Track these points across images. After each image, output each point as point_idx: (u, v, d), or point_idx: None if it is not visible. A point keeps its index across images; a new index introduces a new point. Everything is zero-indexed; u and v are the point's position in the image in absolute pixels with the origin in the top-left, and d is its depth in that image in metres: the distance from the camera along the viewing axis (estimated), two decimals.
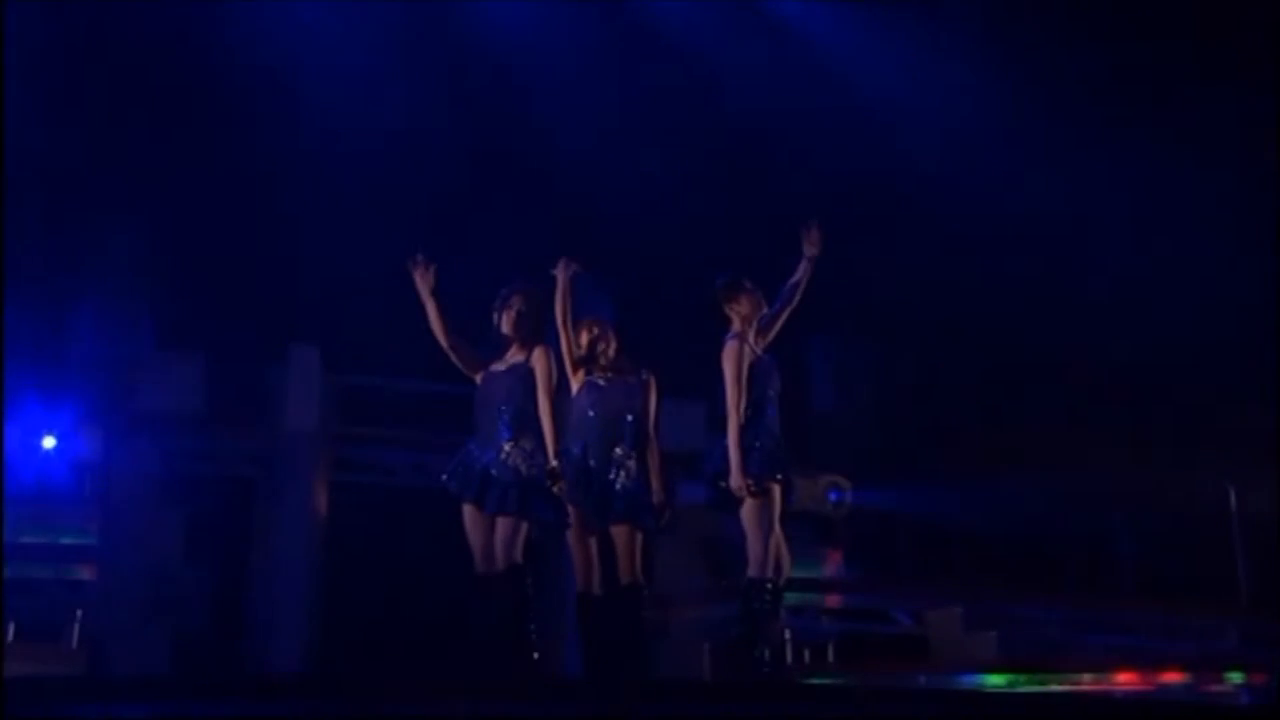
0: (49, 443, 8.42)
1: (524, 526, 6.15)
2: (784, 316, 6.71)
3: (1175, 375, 12.00)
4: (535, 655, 6.08)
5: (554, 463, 6.16)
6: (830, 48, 13.67)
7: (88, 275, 10.30)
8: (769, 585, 6.45)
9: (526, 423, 6.23)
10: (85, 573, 8.45)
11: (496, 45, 12.75)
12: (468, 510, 6.20)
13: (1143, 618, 10.80)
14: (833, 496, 10.42)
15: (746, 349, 6.60)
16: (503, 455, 6.16)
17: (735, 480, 6.42)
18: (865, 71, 13.39)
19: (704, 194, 13.11)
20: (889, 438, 13.43)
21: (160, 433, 9.72)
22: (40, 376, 9.09)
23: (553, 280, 6.49)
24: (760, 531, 6.45)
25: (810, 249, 6.71)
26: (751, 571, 6.41)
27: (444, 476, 6.24)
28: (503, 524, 6.11)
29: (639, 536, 6.42)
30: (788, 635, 10.10)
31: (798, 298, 6.73)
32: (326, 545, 9.84)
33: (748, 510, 6.46)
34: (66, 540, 8.45)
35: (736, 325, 6.66)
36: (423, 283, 6.31)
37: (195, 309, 10.33)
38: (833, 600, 10.32)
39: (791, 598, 10.00)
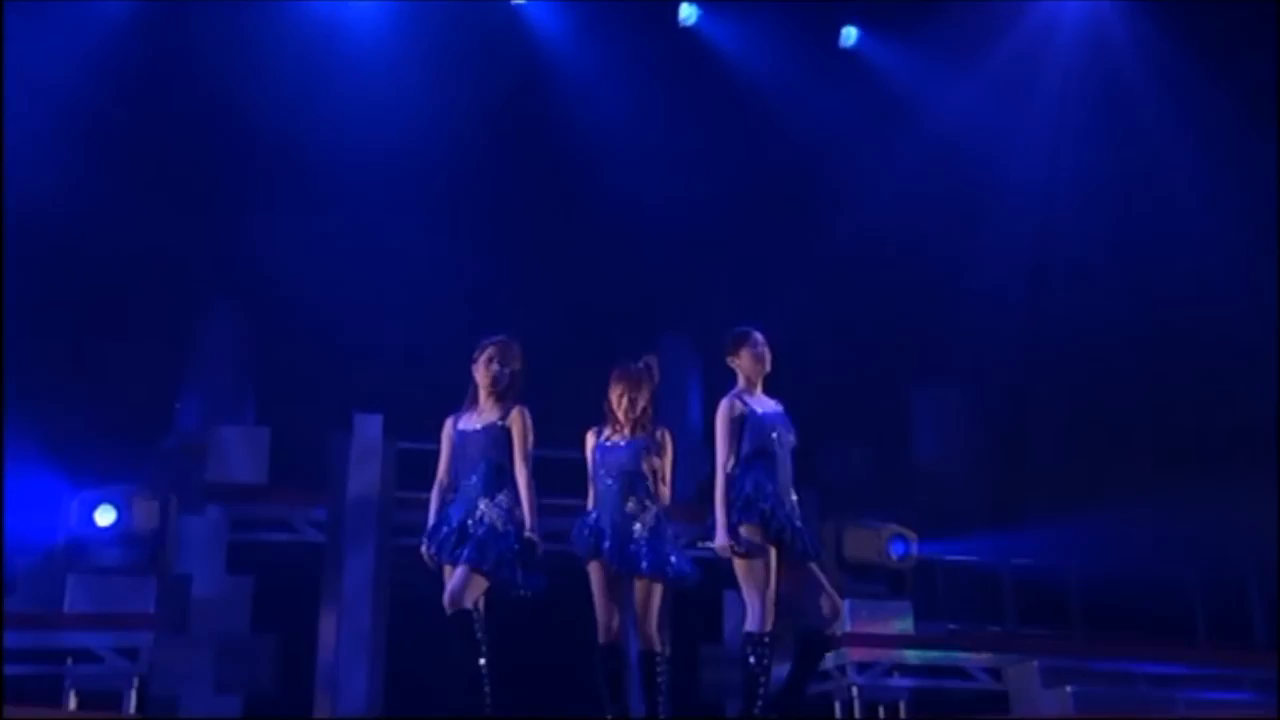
0: (105, 518, 8.72)
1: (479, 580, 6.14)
2: None
3: None
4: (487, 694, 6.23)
5: (531, 534, 6.20)
6: (905, 82, 13.58)
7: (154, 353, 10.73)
8: (765, 640, 6.35)
9: (504, 479, 6.26)
10: (143, 641, 8.68)
11: (556, 99, 13.01)
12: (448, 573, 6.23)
13: (1242, 674, 10.34)
14: (896, 549, 10.12)
15: (737, 404, 6.60)
16: (479, 512, 6.19)
17: (719, 539, 6.39)
18: (942, 106, 13.25)
19: (771, 233, 13.16)
20: (991, 487, 13.17)
21: (230, 502, 10.10)
22: (99, 452, 9.49)
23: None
24: (750, 588, 6.36)
25: None
26: (746, 626, 6.35)
27: (425, 547, 6.31)
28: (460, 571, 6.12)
29: (658, 590, 6.43)
30: (855, 692, 9.96)
31: None
32: (391, 606, 10.00)
33: (737, 567, 6.41)
34: (124, 609, 8.70)
35: (740, 382, 6.67)
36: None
37: (263, 383, 10.76)
38: (904, 655, 10.05)
39: (857, 653, 10.03)
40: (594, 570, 6.43)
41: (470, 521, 6.19)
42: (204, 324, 11.70)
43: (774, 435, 6.52)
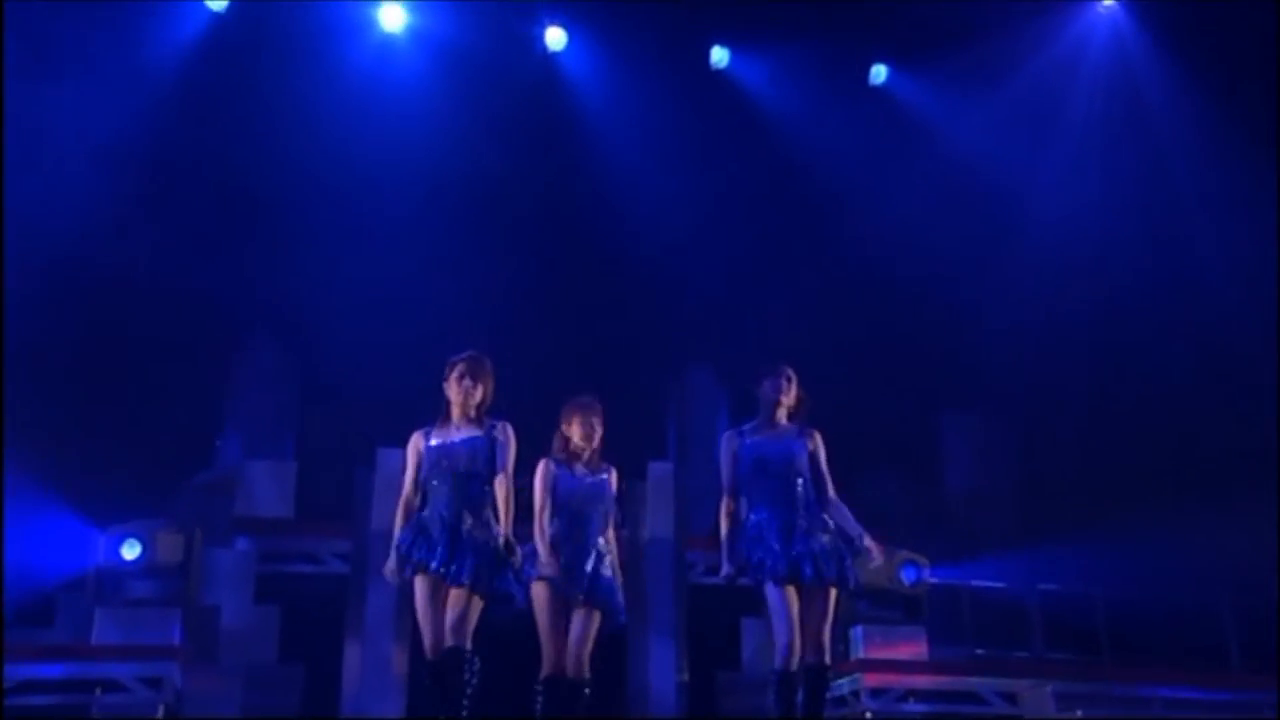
0: (131, 552, 9.07)
1: (478, 606, 6.27)
2: None
3: None
4: None
5: (509, 538, 6.29)
6: (928, 114, 13.71)
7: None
8: (776, 675, 6.54)
9: (488, 496, 6.36)
10: (169, 671, 9.01)
11: (587, 138, 13.28)
12: (424, 587, 6.29)
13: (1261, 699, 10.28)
14: (908, 575, 10.21)
15: (736, 439, 6.79)
16: (466, 528, 6.25)
17: (723, 569, 6.65)
18: (965, 136, 13.36)
19: (797, 264, 13.32)
20: (1020, 513, 13.21)
21: (258, 535, 10.44)
22: (134, 487, 9.87)
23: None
24: (773, 619, 6.58)
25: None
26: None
27: (402, 548, 6.32)
28: (457, 601, 6.20)
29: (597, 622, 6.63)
30: (868, 716, 10.06)
31: None
32: (413, 635, 10.24)
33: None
34: (150, 641, 9.05)
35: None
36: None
37: (288, 421, 11.14)
38: (918, 681, 10.13)
39: (871, 679, 10.13)
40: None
41: (455, 538, 6.22)
42: (242, 360, 12.12)
43: (766, 468, 6.73)
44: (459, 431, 6.46)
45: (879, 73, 13.64)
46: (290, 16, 12.32)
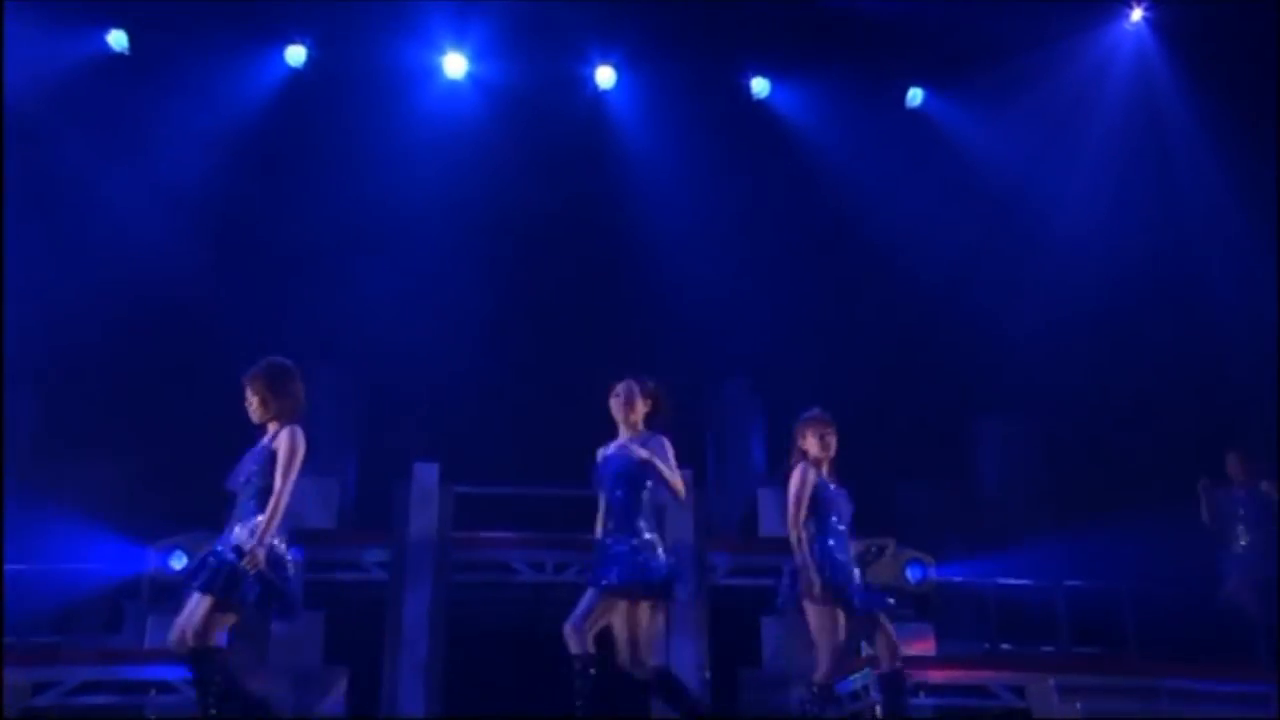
0: (178, 563, 9.87)
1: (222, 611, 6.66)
2: None
3: None
4: None
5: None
6: (963, 135, 14.12)
7: None
8: (814, 689, 7.60)
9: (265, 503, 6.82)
10: None
11: (627, 163, 13.97)
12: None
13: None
14: (913, 574, 10.62)
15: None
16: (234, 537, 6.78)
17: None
18: (993, 149, 13.73)
19: (828, 279, 13.81)
20: (1052, 513, 13.49)
21: (304, 544, 11.15)
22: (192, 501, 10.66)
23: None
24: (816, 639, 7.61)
25: None
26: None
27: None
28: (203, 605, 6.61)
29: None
30: (877, 710, 10.44)
31: None
32: (449, 641, 10.91)
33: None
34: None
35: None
36: None
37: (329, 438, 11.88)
38: (927, 675, 10.49)
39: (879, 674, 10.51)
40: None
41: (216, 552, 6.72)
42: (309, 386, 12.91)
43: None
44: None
45: (915, 95, 14.13)
46: (363, 68, 13.42)
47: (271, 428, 6.96)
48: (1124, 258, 13.20)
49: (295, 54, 13.38)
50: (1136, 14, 13.64)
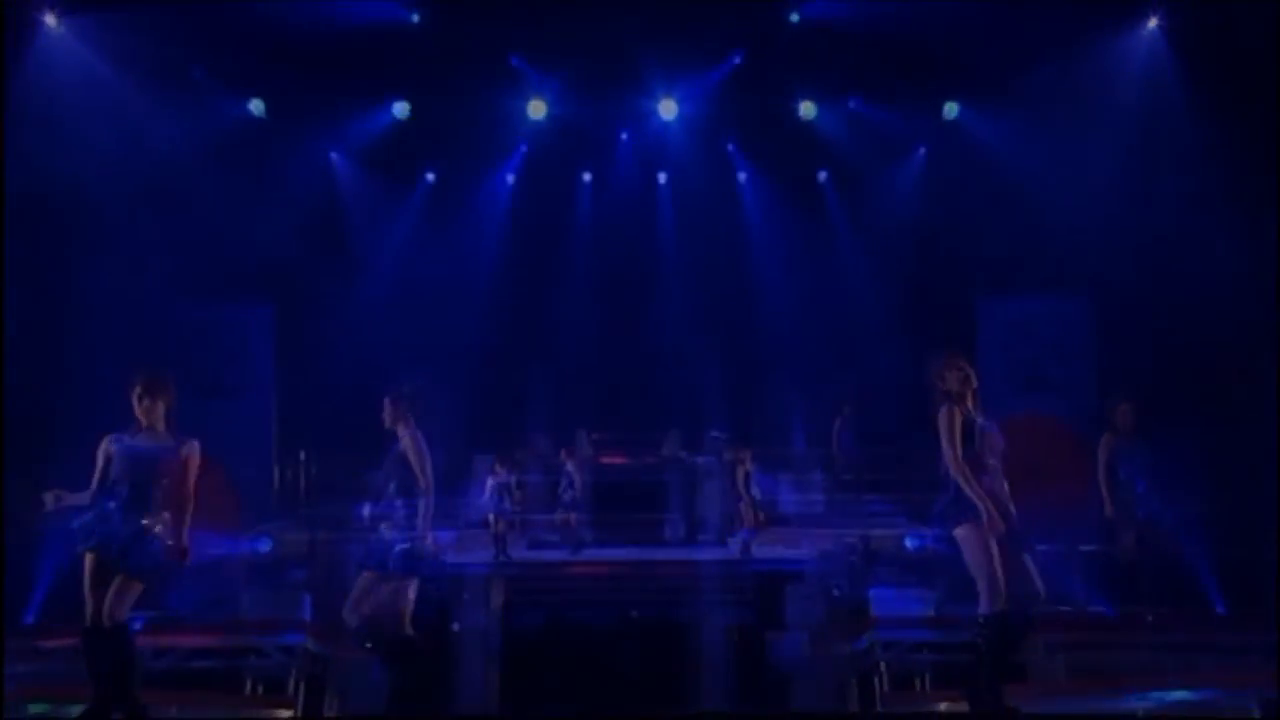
0: (265, 547, 11.58)
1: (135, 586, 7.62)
2: None
3: None
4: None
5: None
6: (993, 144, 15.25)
7: None
8: (979, 620, 7.93)
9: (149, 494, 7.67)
10: (298, 640, 11.23)
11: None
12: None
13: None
14: (911, 543, 11.74)
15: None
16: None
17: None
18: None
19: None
20: None
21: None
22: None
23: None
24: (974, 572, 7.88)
25: None
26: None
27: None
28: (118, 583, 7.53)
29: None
30: (882, 667, 11.58)
31: None
32: (504, 640, 12.48)
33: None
34: (284, 616, 11.40)
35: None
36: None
37: None
38: (927, 635, 11.55)
39: (883, 634, 11.65)
40: None
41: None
42: None
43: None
44: (134, 437, 7.87)
45: (951, 109, 15.26)
46: (457, 117, 15.79)
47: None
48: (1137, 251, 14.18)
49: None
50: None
